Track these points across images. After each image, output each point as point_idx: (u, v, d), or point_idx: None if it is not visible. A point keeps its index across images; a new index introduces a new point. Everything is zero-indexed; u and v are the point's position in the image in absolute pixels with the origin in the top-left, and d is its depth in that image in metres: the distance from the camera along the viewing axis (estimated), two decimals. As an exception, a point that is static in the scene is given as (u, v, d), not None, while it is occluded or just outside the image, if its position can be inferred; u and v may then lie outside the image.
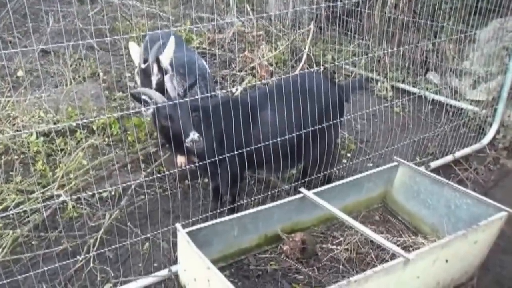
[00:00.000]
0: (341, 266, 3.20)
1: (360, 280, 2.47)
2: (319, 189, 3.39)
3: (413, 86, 5.95)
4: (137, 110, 3.44)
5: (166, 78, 3.68)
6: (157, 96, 3.22)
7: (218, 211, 3.48)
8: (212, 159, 3.23)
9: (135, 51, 3.88)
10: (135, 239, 3.32)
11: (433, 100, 5.64)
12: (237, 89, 5.19)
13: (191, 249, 2.70)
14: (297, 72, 5.59)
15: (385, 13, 6.13)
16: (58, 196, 3.73)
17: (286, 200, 3.30)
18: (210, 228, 3.00)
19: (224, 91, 5.37)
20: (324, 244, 3.36)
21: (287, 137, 3.43)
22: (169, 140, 3.18)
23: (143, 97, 3.26)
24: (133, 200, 3.85)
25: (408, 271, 2.66)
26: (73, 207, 3.74)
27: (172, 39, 3.76)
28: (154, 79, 3.66)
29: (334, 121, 3.65)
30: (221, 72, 5.97)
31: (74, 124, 4.47)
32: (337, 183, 3.50)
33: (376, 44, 6.44)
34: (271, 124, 3.46)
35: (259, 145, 3.36)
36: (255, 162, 3.48)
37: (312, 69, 5.56)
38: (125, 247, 3.40)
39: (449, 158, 4.55)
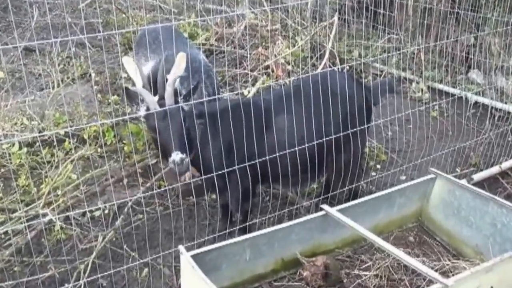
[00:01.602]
0: (370, 295, 3.22)
1: (391, 310, 2.49)
2: (344, 205, 3.41)
3: (453, 87, 5.96)
4: (134, 115, 3.47)
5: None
6: (150, 100, 3.21)
7: (227, 231, 3.51)
8: (220, 172, 3.27)
9: (133, 68, 3.53)
10: (132, 264, 3.36)
11: (476, 102, 5.65)
12: (249, 91, 5.24)
13: (196, 275, 2.72)
14: (318, 71, 5.63)
15: (420, 2, 6.16)
16: (44, 215, 3.75)
17: (306, 218, 3.32)
18: (219, 250, 3.03)
19: (234, 93, 5.42)
20: (350, 270, 3.37)
21: (306, 146, 3.46)
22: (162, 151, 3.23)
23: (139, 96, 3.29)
24: (130, 219, 3.90)
25: (447, 300, 2.67)
26: (61, 227, 3.79)
27: (182, 56, 3.38)
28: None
29: (361, 128, 3.67)
30: (231, 71, 6.03)
31: (62, 132, 4.54)
32: (365, 198, 3.52)
33: (410, 38, 6.46)
34: (288, 131, 3.49)
35: (274, 155, 3.40)
36: (269, 175, 3.52)
37: (335, 68, 5.60)
38: (121, 274, 3.45)
39: (495, 169, 4.56)
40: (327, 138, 3.53)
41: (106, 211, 4.02)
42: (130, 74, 3.66)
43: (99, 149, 4.59)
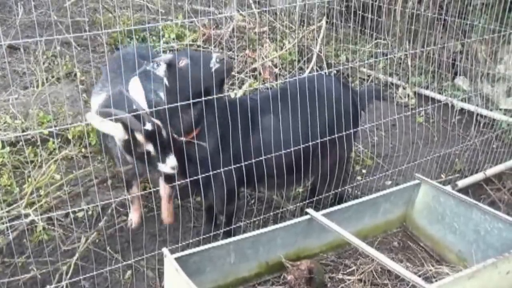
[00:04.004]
0: (353, 300, 3.25)
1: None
2: (329, 210, 3.44)
3: (439, 93, 6.02)
4: (119, 116, 3.45)
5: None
6: (165, 56, 3.30)
7: (212, 234, 3.52)
8: (206, 174, 3.27)
9: (99, 122, 3.26)
10: (115, 266, 3.35)
11: (461, 109, 5.71)
12: (236, 94, 5.25)
13: (180, 278, 2.73)
14: (305, 75, 5.66)
15: (408, 8, 6.21)
16: (26, 215, 3.72)
17: (291, 222, 3.35)
18: (203, 253, 3.04)
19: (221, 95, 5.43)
20: (334, 274, 3.39)
21: (291, 149, 3.48)
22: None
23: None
24: (114, 221, 3.88)
25: (429, 305, 2.70)
26: (44, 228, 3.77)
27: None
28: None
29: (348, 131, 3.70)
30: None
31: (46, 132, 4.52)
32: (350, 203, 3.55)
33: (397, 44, 6.52)
34: (276, 133, 3.51)
35: (261, 157, 3.41)
36: (254, 177, 3.53)
37: (323, 71, 5.63)
38: (104, 276, 3.43)
39: (479, 176, 4.60)
40: (314, 142, 3.56)
41: (90, 212, 4.01)
42: (101, 129, 3.31)
43: (83, 150, 4.58)
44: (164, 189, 3.94)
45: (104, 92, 3.80)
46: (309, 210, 3.38)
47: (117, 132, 3.22)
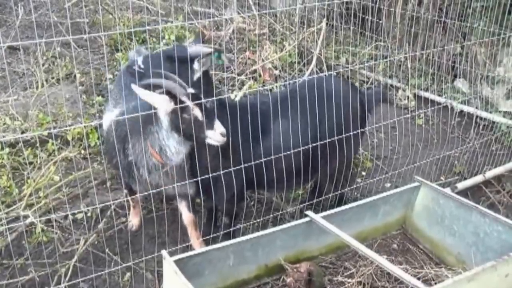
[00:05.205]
0: (352, 302, 3.24)
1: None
2: (328, 212, 3.43)
3: (439, 95, 6.01)
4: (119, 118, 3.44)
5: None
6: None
7: (211, 236, 3.52)
8: (216, 174, 3.26)
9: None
10: (114, 268, 3.35)
11: (461, 111, 5.71)
12: (236, 95, 5.25)
13: (179, 281, 2.73)
14: (305, 77, 5.67)
15: (408, 10, 6.22)
16: (25, 217, 3.74)
17: (290, 224, 3.34)
18: (202, 256, 3.03)
19: (221, 97, 5.43)
20: (334, 276, 3.38)
21: (301, 148, 3.48)
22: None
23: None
24: (113, 223, 3.88)
25: (428, 308, 2.70)
26: (43, 230, 3.77)
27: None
28: None
29: (356, 132, 3.69)
30: (218, 75, 6.04)
31: (45, 133, 4.52)
32: (350, 205, 3.54)
33: (397, 46, 6.52)
34: (283, 134, 3.50)
35: (265, 159, 3.40)
36: (254, 179, 3.52)
37: (330, 73, 5.63)
38: (103, 278, 3.43)
39: (478, 178, 4.60)
40: (324, 141, 3.54)
41: (89, 214, 4.00)
42: (148, 100, 3.16)
43: (82, 151, 4.57)
44: (187, 217, 3.74)
45: (118, 108, 3.63)
46: (309, 212, 3.37)
47: (164, 103, 3.12)
